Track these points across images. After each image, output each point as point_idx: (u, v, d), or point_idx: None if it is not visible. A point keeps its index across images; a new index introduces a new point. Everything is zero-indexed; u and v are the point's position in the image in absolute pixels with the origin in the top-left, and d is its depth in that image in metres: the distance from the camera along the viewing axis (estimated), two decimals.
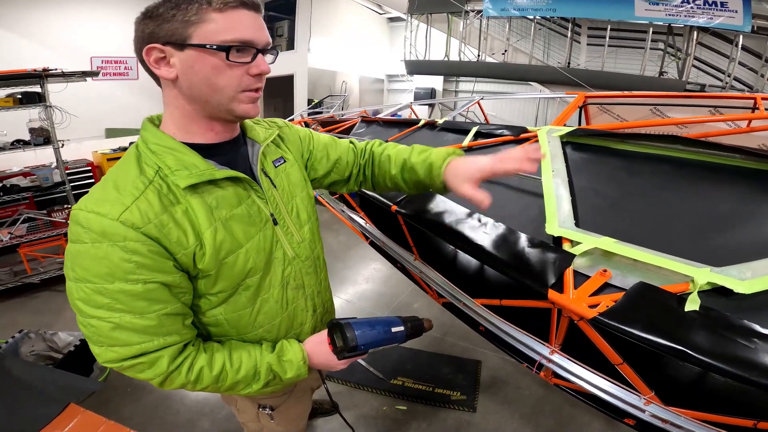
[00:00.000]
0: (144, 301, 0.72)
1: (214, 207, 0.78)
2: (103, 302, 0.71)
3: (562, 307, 0.85)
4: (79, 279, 0.71)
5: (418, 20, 7.83)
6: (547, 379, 1.13)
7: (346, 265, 4.09)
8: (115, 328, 0.72)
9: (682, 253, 0.85)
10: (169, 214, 0.73)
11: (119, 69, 8.15)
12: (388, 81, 11.41)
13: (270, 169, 0.93)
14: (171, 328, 0.77)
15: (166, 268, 0.73)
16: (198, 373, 0.80)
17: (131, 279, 0.70)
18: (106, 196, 0.71)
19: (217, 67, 0.72)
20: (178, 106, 0.78)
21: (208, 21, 0.70)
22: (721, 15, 5.30)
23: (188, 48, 0.71)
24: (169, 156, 0.76)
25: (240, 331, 0.90)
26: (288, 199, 0.95)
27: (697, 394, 0.99)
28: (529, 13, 6.68)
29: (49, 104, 3.59)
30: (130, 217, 0.69)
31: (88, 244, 0.69)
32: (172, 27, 0.70)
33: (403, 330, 0.97)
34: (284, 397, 1.11)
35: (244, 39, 0.72)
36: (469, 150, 1.59)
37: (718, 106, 1.85)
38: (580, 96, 1.69)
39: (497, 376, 2.50)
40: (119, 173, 0.75)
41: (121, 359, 0.75)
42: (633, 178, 1.19)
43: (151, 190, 0.73)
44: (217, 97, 0.75)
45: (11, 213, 4.02)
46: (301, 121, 3.96)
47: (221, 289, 0.83)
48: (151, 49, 0.72)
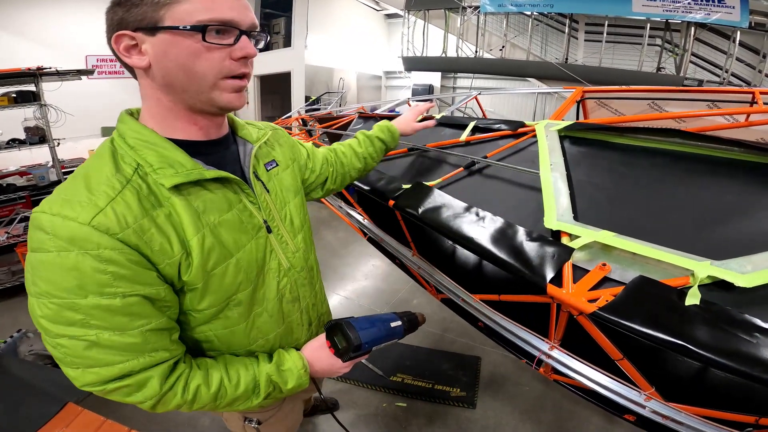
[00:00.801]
0: (124, 317, 0.63)
1: (201, 211, 0.70)
2: (74, 318, 0.61)
3: (561, 302, 0.84)
4: (42, 294, 0.61)
5: (415, 16, 7.83)
6: (547, 375, 1.13)
7: (345, 262, 4.08)
8: (90, 347, 0.63)
9: (681, 247, 0.84)
10: (150, 218, 0.64)
11: (115, 67, 8.13)
12: (385, 78, 11.37)
13: (262, 173, 0.86)
14: (157, 344, 0.68)
15: (148, 280, 0.65)
16: (195, 393, 0.73)
17: (107, 293, 0.61)
18: (76, 197, 0.61)
19: (193, 51, 0.64)
20: (155, 97, 0.70)
21: (182, 1, 0.62)
22: (718, 11, 5.30)
23: (160, 32, 0.63)
24: (150, 152, 0.67)
25: (232, 348, 0.83)
26: (281, 206, 0.88)
27: (698, 390, 0.99)
28: (526, 8, 6.67)
29: (44, 103, 3.58)
30: (105, 221, 0.60)
31: (53, 253, 0.59)
32: (142, 11, 0.63)
33: (400, 325, 0.96)
34: (273, 411, 1.05)
35: (223, 18, 0.64)
36: (467, 144, 1.58)
37: (716, 101, 1.85)
38: (577, 90, 1.68)
39: (497, 372, 2.50)
40: (91, 171, 0.65)
41: (103, 381, 0.65)
42: (631, 171, 1.18)
43: (129, 190, 0.64)
44: (196, 86, 0.67)
45: (8, 212, 4.02)
46: (299, 118, 3.95)
47: (209, 304, 0.74)
48: (121, 36, 0.64)
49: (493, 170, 1.36)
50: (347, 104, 8.95)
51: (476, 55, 7.38)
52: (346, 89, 9.62)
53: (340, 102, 8.50)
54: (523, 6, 6.64)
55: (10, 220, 3.90)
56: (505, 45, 7.17)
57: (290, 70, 8.48)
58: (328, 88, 9.25)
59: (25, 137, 3.72)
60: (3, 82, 3.48)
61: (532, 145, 1.36)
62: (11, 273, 3.64)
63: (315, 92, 8.78)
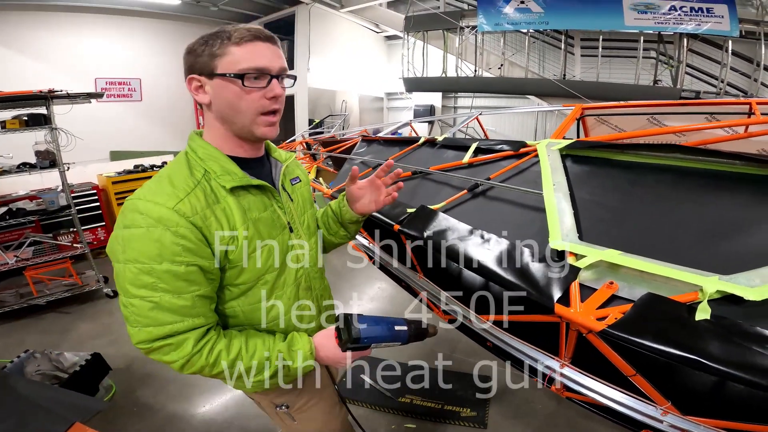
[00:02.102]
0: (183, 282, 0.82)
1: (247, 209, 0.92)
2: (147, 282, 0.80)
3: (570, 321, 0.84)
4: (129, 260, 0.80)
5: (414, 38, 7.95)
6: (559, 392, 1.12)
7: (352, 285, 4.07)
8: (153, 308, 0.81)
9: (688, 263, 0.84)
10: (211, 210, 0.86)
11: (123, 90, 8.26)
12: (387, 99, 11.52)
13: (288, 185, 1.08)
14: (201, 309, 0.86)
15: (205, 254, 0.85)
16: (217, 356, 0.88)
17: (177, 260, 0.81)
18: (162, 190, 0.83)
19: (237, 93, 0.85)
20: (214, 125, 0.93)
21: (229, 54, 0.84)
22: (708, 21, 5.39)
23: (215, 77, 0.85)
24: (214, 163, 0.90)
25: (253, 323, 0.99)
26: (301, 212, 1.09)
27: (715, 403, 0.98)
28: (522, 26, 6.79)
29: (54, 126, 3.59)
30: (183, 207, 0.81)
31: (144, 228, 0.79)
32: (203, 60, 0.85)
33: (406, 330, 1.01)
34: (295, 394, 1.15)
35: (257, 67, 0.85)
36: (470, 166, 1.60)
37: (714, 113, 1.87)
38: (577, 108, 1.71)
39: (507, 391, 2.46)
40: (173, 172, 0.88)
41: (153, 339, 0.83)
42: (634, 188, 1.19)
43: (200, 188, 0.86)
44: (240, 119, 0.89)
45: (18, 236, 4.05)
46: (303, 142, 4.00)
47: (244, 280, 0.93)
48: (191, 79, 0.88)
49: (497, 192, 1.38)
50: (350, 127, 9.05)
51: (476, 74, 7.49)
52: (349, 111, 9.75)
53: (343, 125, 8.60)
54: (519, 24, 6.77)
55: (19, 244, 3.93)
56: (504, 63, 7.28)
57: (293, 93, 8.63)
58: (331, 111, 9.37)
59: (36, 161, 3.71)
60: (15, 104, 3.48)
61: (535, 165, 1.38)
62: (19, 295, 3.66)
63: (318, 115, 8.90)
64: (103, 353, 2.68)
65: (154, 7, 8.03)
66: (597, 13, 6.04)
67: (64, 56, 7.32)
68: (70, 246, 4.12)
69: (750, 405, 0.93)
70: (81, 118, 4.25)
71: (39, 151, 3.73)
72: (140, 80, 8.39)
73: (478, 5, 6.91)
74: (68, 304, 3.77)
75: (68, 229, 4.50)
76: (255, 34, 0.85)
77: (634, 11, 5.78)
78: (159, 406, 2.46)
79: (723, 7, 5.31)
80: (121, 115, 8.15)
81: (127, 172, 5.51)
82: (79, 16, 7.39)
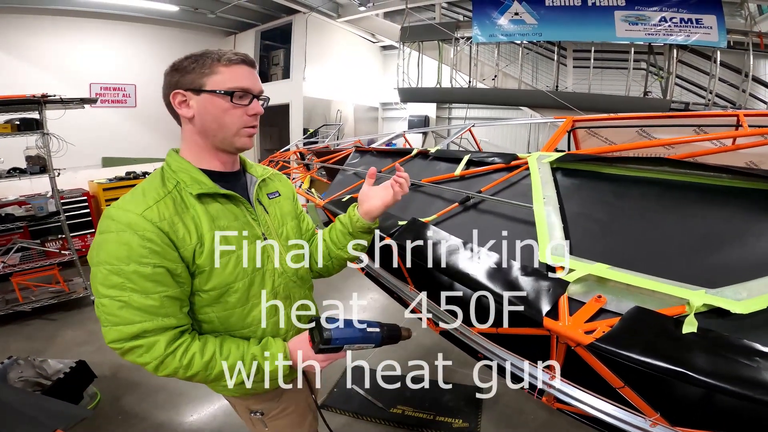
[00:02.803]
0: (151, 282, 0.87)
1: (215, 217, 0.97)
2: (117, 282, 0.85)
3: (559, 334, 0.85)
4: (101, 262, 0.86)
5: (410, 48, 8.01)
6: (550, 403, 1.11)
7: (344, 295, 4.05)
8: (122, 307, 0.86)
9: (676, 276, 0.85)
10: (179, 216, 0.91)
11: (118, 96, 8.21)
12: (382, 109, 11.53)
13: (264, 199, 1.12)
14: (169, 310, 0.90)
15: (171, 257, 0.89)
16: (190, 359, 0.91)
17: (143, 262, 0.85)
18: (134, 199, 0.90)
19: (223, 108, 0.93)
20: (193, 139, 0.99)
21: (218, 73, 0.92)
22: (697, 32, 5.50)
23: (203, 93, 0.92)
24: (186, 174, 0.96)
25: (230, 329, 1.03)
26: (279, 224, 1.13)
27: (704, 414, 0.98)
28: (516, 38, 6.88)
29: (46, 131, 3.56)
30: (150, 214, 0.87)
31: (114, 233, 0.86)
32: (192, 77, 0.92)
33: (378, 332, 1.03)
34: (273, 403, 1.19)
35: (243, 87, 0.94)
36: (461, 179, 1.61)
37: (702, 125, 1.89)
38: (568, 120, 1.73)
39: (500, 402, 2.45)
40: (147, 185, 0.95)
41: (123, 338, 0.87)
42: (623, 202, 1.20)
43: (169, 198, 0.92)
44: (223, 132, 0.96)
45: (5, 242, 4.00)
46: (297, 151, 4.00)
47: (212, 287, 0.97)
48: (176, 94, 0.94)
49: (488, 205, 1.38)
50: (345, 136, 9.07)
51: (470, 85, 7.56)
52: (344, 121, 9.75)
53: (337, 134, 8.61)
54: (513, 35, 6.85)
55: (6, 250, 3.88)
56: (498, 74, 7.36)
57: (289, 101, 8.65)
58: (325, 121, 9.38)
59: (26, 166, 3.69)
60: (7, 108, 3.46)
61: (526, 178, 1.39)
62: (5, 301, 3.62)
63: (313, 124, 8.90)
64: (89, 361, 2.64)
65: (152, 13, 8.02)
66: (589, 24, 6.15)
67: (59, 61, 7.26)
68: (58, 253, 4.08)
69: (737, 416, 0.93)
70: (74, 124, 4.21)
71: (30, 156, 3.70)
72: (135, 86, 8.35)
73: (473, 16, 7.00)
74: (54, 310, 3.72)
75: (57, 235, 4.46)
76: (242, 59, 0.95)
77: (626, 23, 5.89)
78: (145, 415, 2.42)
79: (711, 17, 5.43)
80: (115, 121, 8.09)
81: (118, 179, 5.49)
82: (75, 20, 7.35)
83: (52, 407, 1.73)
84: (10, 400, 1.65)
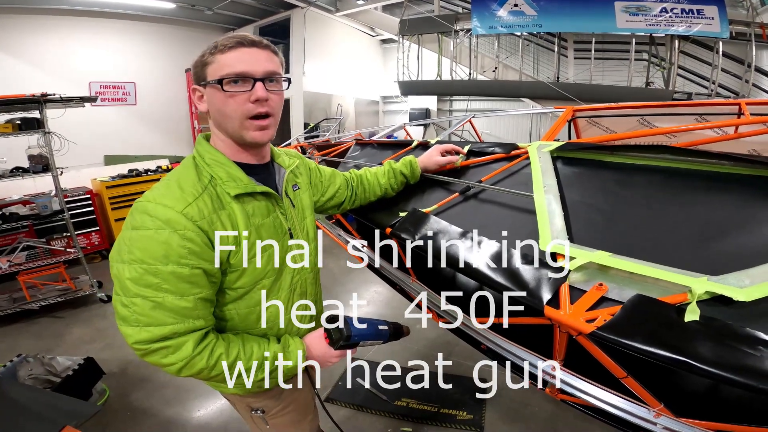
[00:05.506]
0: (187, 284, 0.84)
1: (251, 214, 0.95)
2: (152, 282, 0.81)
3: (559, 323, 0.84)
4: (135, 260, 0.82)
5: (409, 41, 7.97)
6: (553, 395, 1.11)
7: (347, 289, 4.08)
8: (155, 307, 0.82)
9: (678, 264, 0.84)
10: (217, 215, 0.89)
11: (117, 94, 8.23)
12: (383, 102, 11.53)
13: (290, 192, 1.11)
14: (201, 312, 0.88)
15: (209, 257, 0.87)
16: (216, 359, 0.90)
17: (182, 263, 0.83)
18: (171, 193, 0.86)
19: (221, 98, 0.89)
20: (215, 132, 0.98)
21: (215, 62, 0.88)
22: (698, 22, 5.45)
23: (206, 85, 0.91)
24: (220, 168, 0.93)
25: (248, 327, 1.02)
26: (301, 219, 1.12)
27: (709, 404, 0.98)
28: (516, 29, 6.84)
29: (47, 130, 3.58)
30: (191, 211, 0.84)
31: (152, 230, 0.81)
32: (198, 71, 0.91)
33: (387, 329, 1.11)
34: (273, 401, 1.18)
35: (237, 71, 0.87)
36: (463, 168, 1.60)
37: (704, 114, 1.87)
38: (568, 110, 1.71)
39: (504, 394, 2.46)
40: (181, 176, 0.91)
41: (152, 340, 0.83)
42: (624, 190, 1.19)
43: (207, 194, 0.89)
44: (229, 124, 0.92)
45: (11, 241, 4.05)
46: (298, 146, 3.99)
47: (242, 284, 0.96)
48: (194, 90, 0.95)
49: (489, 194, 1.38)
50: (346, 130, 9.05)
51: (470, 77, 7.52)
52: (345, 115, 9.75)
53: (338, 128, 8.61)
54: (513, 27, 6.81)
55: (12, 249, 3.92)
56: (498, 66, 7.32)
57: (289, 97, 8.62)
58: (326, 115, 9.38)
59: (28, 165, 3.72)
60: (7, 108, 3.48)
61: (526, 168, 1.38)
62: (12, 300, 3.66)
63: (314, 119, 8.89)
64: (97, 358, 2.67)
65: (149, 10, 8.01)
66: (589, 15, 6.10)
67: (59, 60, 7.29)
68: (64, 251, 4.10)
69: (742, 406, 0.93)
70: (75, 122, 4.23)
71: (32, 156, 3.73)
72: (135, 84, 8.36)
73: (472, 8, 6.95)
74: (62, 308, 3.76)
75: (62, 233, 4.49)
76: (239, 41, 0.89)
77: (626, 13, 5.84)
78: (154, 411, 2.45)
79: (713, 8, 5.38)
80: (116, 119, 8.11)
81: (121, 177, 5.50)
82: (74, 19, 7.36)
83: (61, 404, 1.76)
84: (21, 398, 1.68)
